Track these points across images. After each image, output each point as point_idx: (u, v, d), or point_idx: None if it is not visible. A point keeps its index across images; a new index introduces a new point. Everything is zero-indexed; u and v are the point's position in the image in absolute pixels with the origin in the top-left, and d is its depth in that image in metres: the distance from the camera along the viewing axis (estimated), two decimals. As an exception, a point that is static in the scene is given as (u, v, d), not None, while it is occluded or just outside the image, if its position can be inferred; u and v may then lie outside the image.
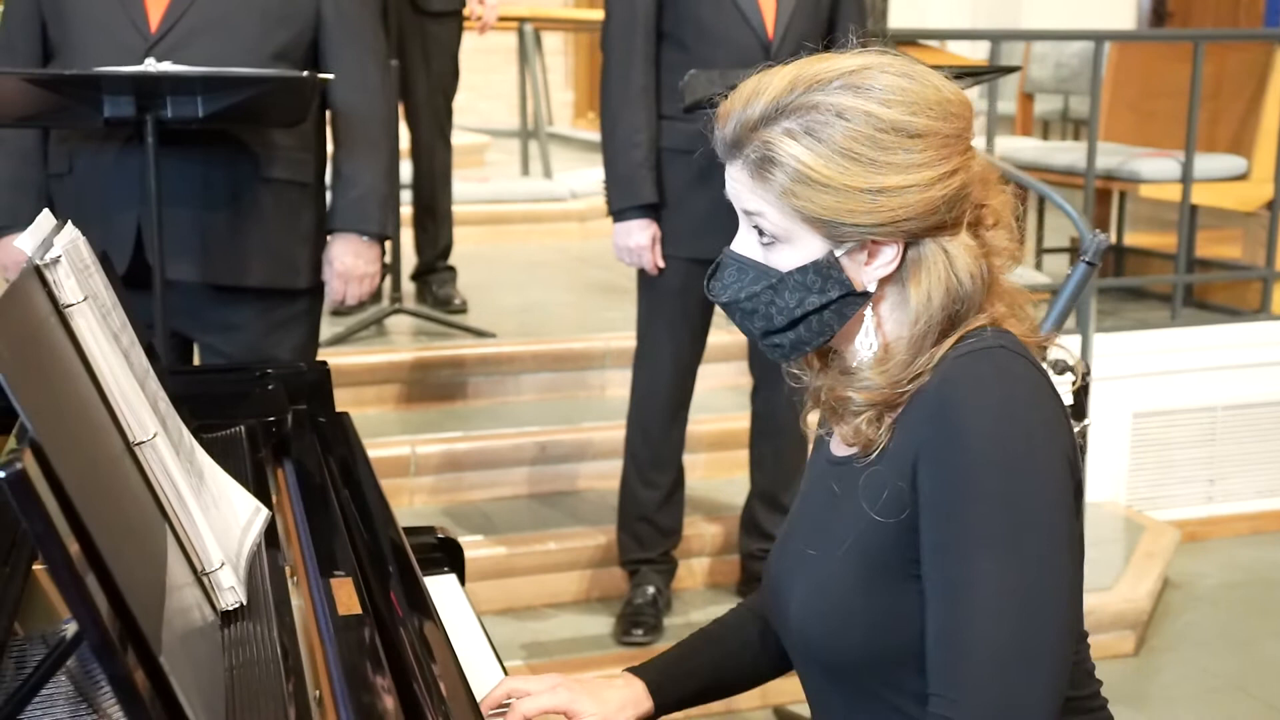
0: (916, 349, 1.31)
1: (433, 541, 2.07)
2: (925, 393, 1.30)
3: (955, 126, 1.30)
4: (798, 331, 1.35)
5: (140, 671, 0.87)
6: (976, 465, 1.23)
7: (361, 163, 2.66)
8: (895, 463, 1.30)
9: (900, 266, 1.32)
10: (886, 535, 1.30)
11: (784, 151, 1.28)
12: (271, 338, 2.66)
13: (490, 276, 4.99)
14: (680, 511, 3.34)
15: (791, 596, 1.41)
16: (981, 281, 1.31)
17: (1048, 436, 1.26)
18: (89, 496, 0.92)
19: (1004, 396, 1.26)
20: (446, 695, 1.25)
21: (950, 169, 1.29)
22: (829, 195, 1.28)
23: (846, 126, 1.27)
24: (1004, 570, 1.22)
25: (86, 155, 2.59)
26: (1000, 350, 1.29)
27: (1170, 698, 3.38)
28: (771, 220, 1.32)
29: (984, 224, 1.34)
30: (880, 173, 1.27)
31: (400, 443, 3.69)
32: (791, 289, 1.33)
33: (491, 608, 3.37)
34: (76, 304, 1.12)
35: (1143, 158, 4.53)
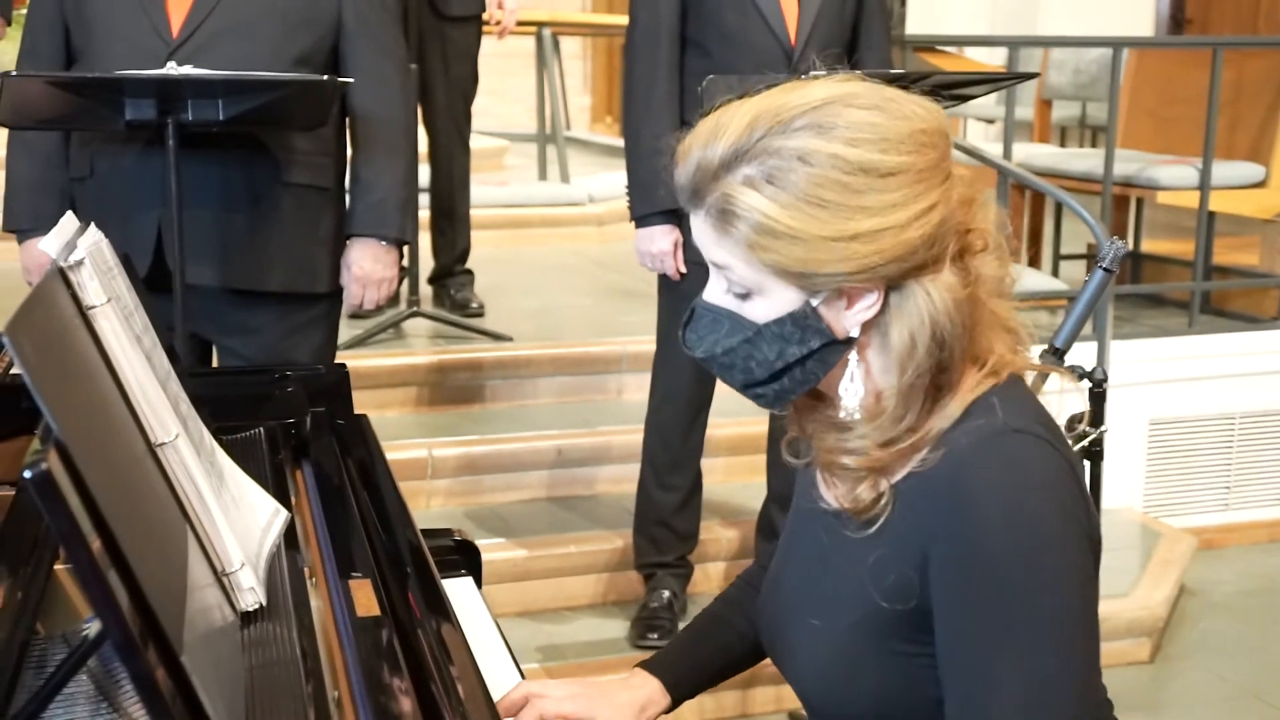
0: (906, 402, 1.24)
1: (450, 544, 2.07)
2: (934, 476, 1.24)
3: (930, 159, 1.22)
4: (780, 383, 1.29)
5: (162, 670, 0.88)
6: (992, 564, 1.19)
7: (381, 167, 2.67)
8: (903, 549, 1.26)
9: (883, 309, 1.24)
10: (893, 619, 1.27)
11: (744, 204, 1.20)
12: (290, 341, 2.68)
13: (508, 280, 5.00)
14: (697, 516, 3.35)
15: (791, 653, 1.40)
16: (965, 323, 1.24)
17: (1066, 525, 1.21)
18: (112, 497, 0.93)
19: (1017, 493, 1.21)
20: (464, 697, 1.25)
21: (927, 205, 1.21)
22: (797, 246, 1.20)
23: (810, 172, 1.19)
24: (1020, 671, 1.20)
25: (107, 158, 2.60)
26: (1012, 436, 1.23)
27: (1185, 705, 3.37)
28: (740, 274, 1.24)
29: (971, 250, 1.26)
30: (851, 218, 1.19)
31: (418, 445, 3.70)
32: (769, 341, 1.26)
33: (508, 610, 3.37)
34: (100, 306, 1.14)
35: (1161, 164, 4.52)
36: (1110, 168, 4.25)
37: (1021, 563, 1.19)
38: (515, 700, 1.47)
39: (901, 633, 1.27)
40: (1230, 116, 4.62)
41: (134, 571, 0.88)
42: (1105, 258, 2.22)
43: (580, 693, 1.49)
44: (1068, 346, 2.21)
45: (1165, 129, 4.92)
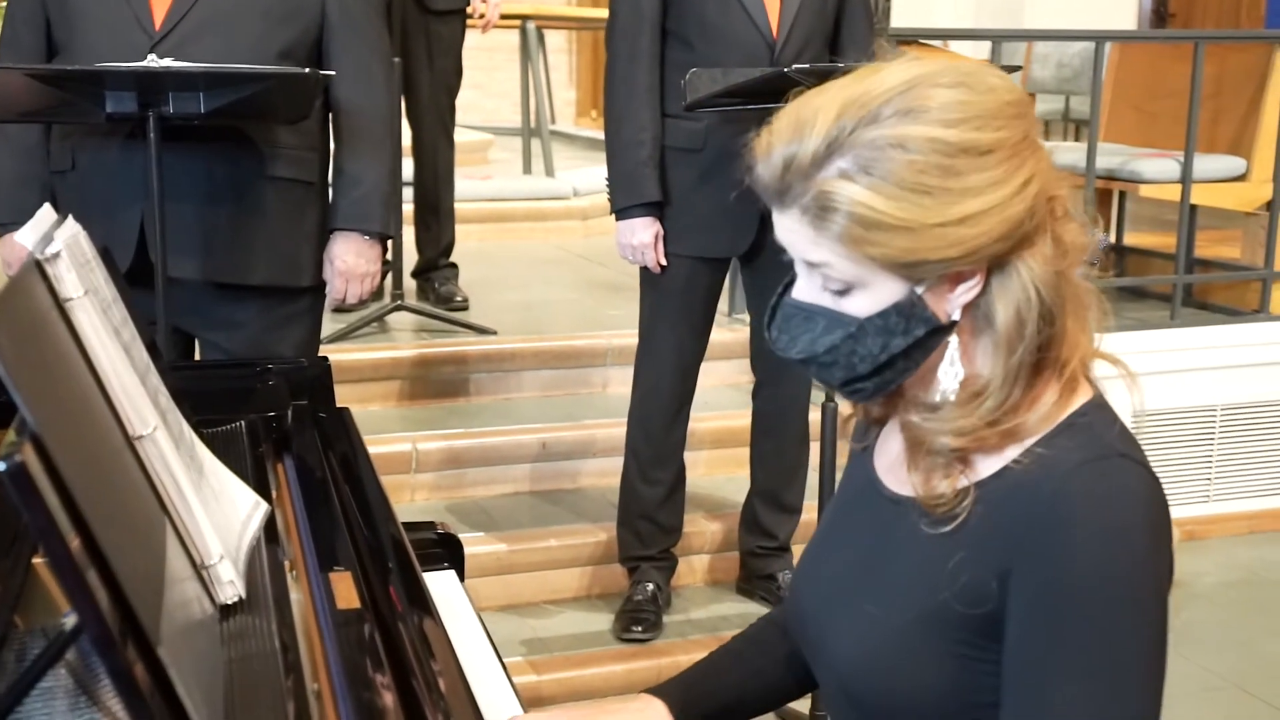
0: (1011, 383, 1.20)
1: (432, 537, 2.07)
2: (1031, 486, 1.20)
3: (1021, 129, 1.18)
4: (883, 376, 1.24)
5: (139, 664, 0.88)
6: (1084, 595, 1.16)
7: (365, 161, 2.66)
8: (983, 554, 1.21)
9: (985, 289, 1.20)
10: (961, 621, 1.23)
11: (844, 198, 1.15)
12: (274, 335, 2.67)
13: (493, 274, 5.00)
14: (681, 509, 3.35)
15: (835, 638, 1.33)
16: (1060, 299, 1.20)
17: (1157, 563, 1.18)
18: (88, 489, 0.92)
19: (1122, 525, 1.17)
20: (446, 691, 1.25)
21: (1026, 177, 1.16)
22: (904, 237, 1.15)
23: (909, 159, 1.14)
24: (1090, 699, 1.16)
25: (89, 152, 2.59)
26: (1120, 462, 1.19)
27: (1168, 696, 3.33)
28: (840, 270, 1.19)
29: (1055, 217, 1.21)
30: (957, 201, 1.14)
31: (402, 439, 3.69)
32: (873, 335, 1.20)
33: (492, 604, 3.38)
34: (77, 298, 1.13)
35: (1143, 158, 4.53)
36: (1093, 161, 4.26)
37: (1113, 599, 1.16)
38: None
39: (966, 636, 1.23)
40: (1212, 110, 4.64)
41: (110, 564, 0.88)
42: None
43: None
44: (1049, 339, 2.21)
45: (1148, 123, 4.94)
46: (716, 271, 3.19)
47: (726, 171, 3.05)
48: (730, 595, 3.51)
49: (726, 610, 3.45)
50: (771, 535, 3.40)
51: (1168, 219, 5.07)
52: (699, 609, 3.43)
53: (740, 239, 3.09)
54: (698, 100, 2.81)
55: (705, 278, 3.16)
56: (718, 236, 3.09)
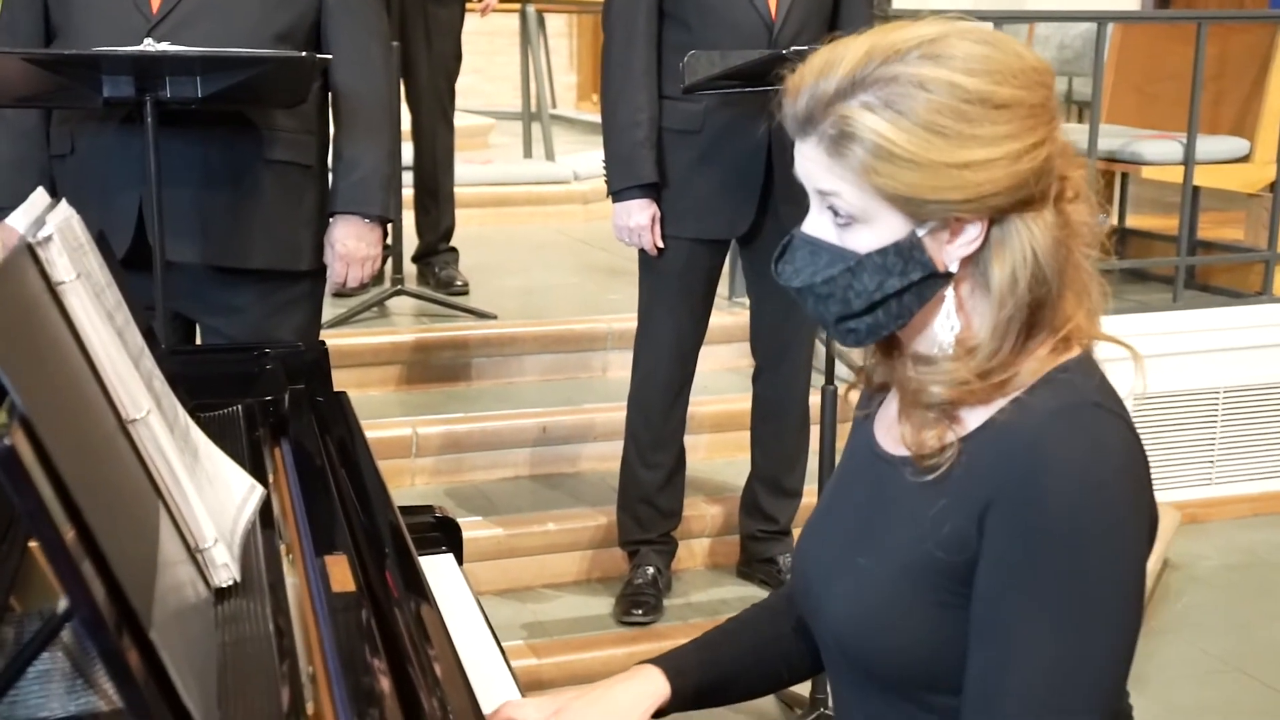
0: (1002, 335, 1.24)
1: (430, 521, 2.07)
2: (1009, 433, 1.23)
3: (1040, 96, 1.23)
4: (875, 316, 1.28)
5: (130, 647, 0.87)
6: (1052, 538, 1.18)
7: (363, 145, 2.66)
8: (964, 502, 1.24)
9: (983, 245, 1.24)
10: (944, 569, 1.25)
11: (864, 126, 1.20)
12: (273, 320, 2.67)
13: (493, 258, 4.99)
14: (681, 493, 3.35)
15: (832, 597, 1.36)
16: (1060, 266, 1.24)
17: (1133, 511, 1.21)
18: (80, 473, 0.92)
19: (1096, 472, 1.19)
20: (442, 677, 1.25)
21: (1037, 140, 1.21)
22: (913, 171, 1.20)
23: (929, 98, 1.19)
24: (1056, 643, 1.18)
25: (88, 136, 2.59)
26: (1096, 411, 1.22)
27: (1168, 679, 3.38)
28: (848, 200, 1.23)
29: (1065, 198, 1.26)
30: (966, 146, 1.19)
31: (402, 424, 3.69)
32: (870, 271, 1.25)
33: (492, 588, 3.38)
34: (69, 282, 1.13)
35: (1145, 139, 4.52)
36: (1094, 143, 4.24)
37: (1083, 543, 1.18)
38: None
39: (950, 585, 1.25)
40: (1215, 91, 4.62)
41: (101, 547, 0.88)
42: (1086, 232, 2.21)
43: (563, 705, 1.43)
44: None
45: (1150, 104, 4.92)
46: (715, 254, 3.18)
47: (725, 153, 3.05)
48: (731, 579, 3.51)
49: (727, 594, 3.45)
50: (772, 519, 3.39)
51: (1170, 201, 5.05)
52: (699, 593, 3.44)
53: (739, 220, 3.08)
54: (696, 83, 2.80)
55: (704, 260, 3.16)
56: (716, 218, 3.08)
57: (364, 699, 1.09)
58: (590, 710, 1.42)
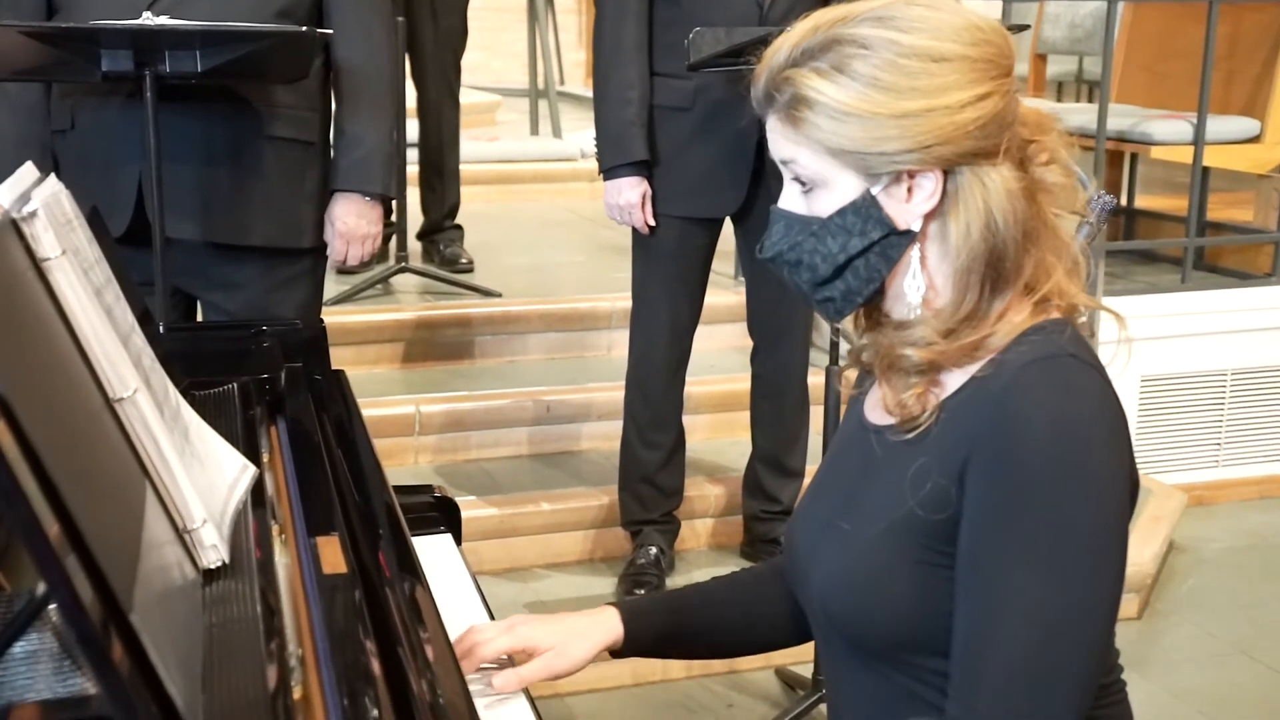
0: (962, 288, 1.28)
1: (429, 500, 2.06)
2: (985, 390, 1.25)
3: (985, 53, 1.26)
4: (845, 280, 1.32)
5: (110, 630, 0.86)
6: (1030, 483, 1.19)
7: (365, 122, 2.65)
8: (943, 459, 1.26)
9: (941, 201, 1.28)
10: (925, 528, 1.27)
11: (809, 87, 1.26)
12: (274, 296, 2.66)
13: (499, 236, 4.97)
14: (681, 472, 3.34)
15: (816, 564, 1.38)
16: (1021, 221, 1.27)
17: (1110, 456, 1.22)
18: (59, 452, 0.91)
19: (1066, 412, 1.21)
20: (434, 659, 1.24)
21: (981, 91, 1.25)
22: (856, 125, 1.25)
23: (870, 56, 1.25)
24: (1040, 589, 1.19)
25: (88, 111, 2.58)
26: (1070, 360, 1.23)
27: (1173, 661, 3.37)
28: (805, 164, 1.29)
29: (1034, 160, 1.30)
30: (905, 98, 1.24)
31: (405, 402, 3.69)
32: (833, 233, 1.30)
33: (494, 568, 3.38)
34: (55, 258, 1.11)
35: (1155, 119, 4.48)
36: (1103, 122, 4.20)
37: (1061, 485, 1.19)
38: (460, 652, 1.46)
39: (933, 544, 1.26)
40: (1226, 71, 4.58)
41: (80, 529, 0.86)
42: (1091, 212, 2.19)
43: (520, 621, 1.51)
44: (1053, 302, 2.18)
45: (1160, 84, 4.88)
46: (709, 232, 3.16)
47: (716, 131, 3.02)
48: (734, 559, 3.50)
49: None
50: (774, 499, 3.38)
51: (1179, 181, 5.01)
52: (702, 572, 3.42)
53: (731, 198, 3.05)
54: (701, 60, 2.78)
55: (697, 239, 3.13)
56: (708, 196, 3.05)
57: (352, 681, 1.07)
58: (541, 628, 1.50)
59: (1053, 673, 1.19)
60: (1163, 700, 3.17)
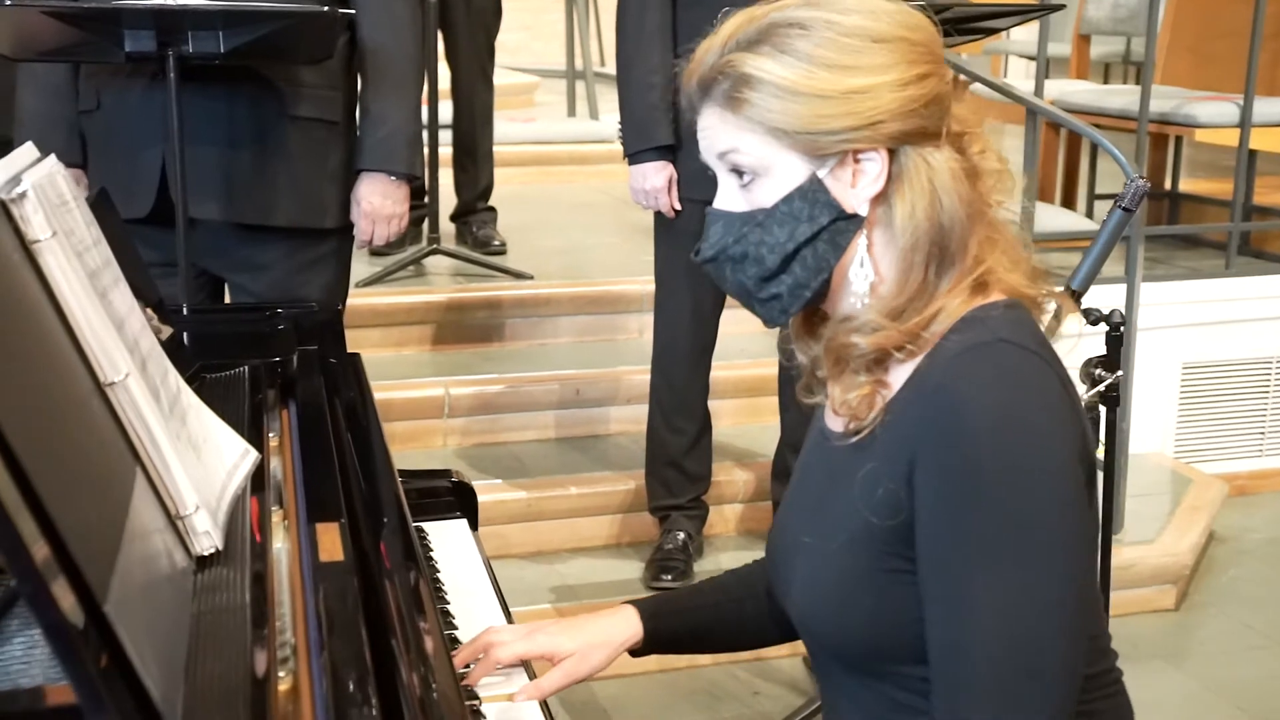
0: (907, 270, 1.26)
1: (446, 485, 2.05)
2: (922, 385, 1.24)
3: (922, 37, 1.28)
4: (793, 272, 1.29)
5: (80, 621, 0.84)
6: (978, 474, 1.17)
7: (389, 101, 2.63)
8: (891, 463, 1.24)
9: (887, 184, 1.27)
10: (883, 536, 1.25)
11: (754, 68, 1.25)
12: (300, 277, 2.65)
13: (533, 218, 4.95)
14: (708, 457, 3.31)
15: (791, 580, 1.38)
16: (964, 200, 1.26)
17: (1055, 438, 1.20)
18: (33, 436, 0.89)
19: (1006, 400, 1.19)
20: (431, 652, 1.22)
21: (921, 72, 1.26)
22: (801, 104, 1.24)
23: (810, 35, 1.25)
24: (1005, 584, 1.17)
25: (113, 91, 2.58)
26: (1001, 345, 1.22)
27: (1210, 653, 3.32)
28: (748, 151, 1.27)
29: (970, 149, 1.30)
30: (850, 75, 1.24)
31: (434, 384, 3.67)
32: (780, 221, 1.27)
33: (521, 551, 3.36)
34: (44, 240, 1.10)
35: (1199, 101, 4.40)
36: (1146, 104, 4.13)
37: (1008, 476, 1.17)
38: (475, 648, 1.47)
39: (892, 549, 1.25)
40: (1273, 50, 4.50)
41: (51, 515, 0.84)
42: (1125, 196, 2.15)
43: (539, 628, 1.50)
44: (1084, 288, 2.14)
45: (1205, 64, 4.80)
46: None
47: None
48: (762, 545, 3.42)
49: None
50: (805, 485, 3.34)
51: (1224, 164, 4.93)
52: (730, 557, 3.39)
53: None
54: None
55: None
56: None
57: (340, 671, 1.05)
58: (562, 635, 1.49)
59: (1032, 664, 1.17)
60: (1198, 694, 3.11)
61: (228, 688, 0.98)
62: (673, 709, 3.01)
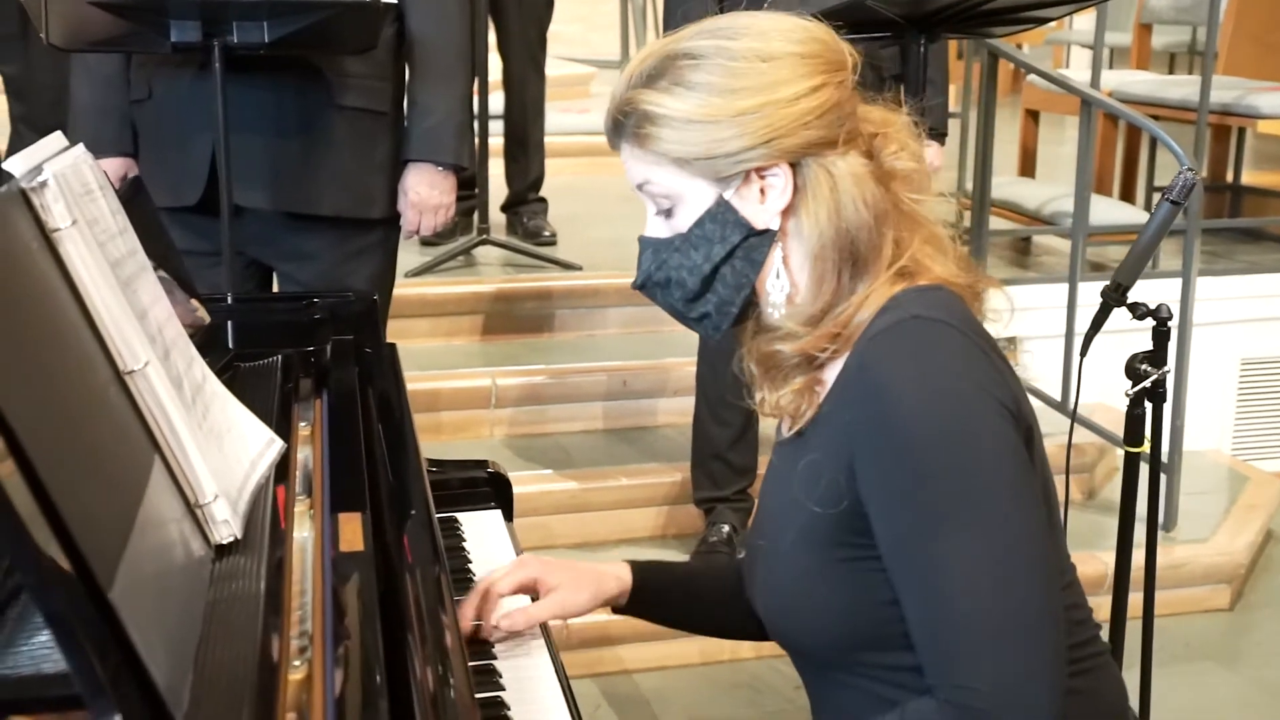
0: (819, 277, 1.30)
1: (483, 475, 2.05)
2: (848, 373, 1.28)
3: (813, 49, 1.31)
4: (715, 291, 1.34)
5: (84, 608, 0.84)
6: (913, 448, 1.21)
7: (436, 92, 2.64)
8: (828, 452, 1.29)
9: (794, 197, 1.31)
10: (829, 525, 1.28)
11: (648, 104, 1.30)
12: (347, 267, 2.67)
13: (585, 209, 4.94)
14: (754, 449, 3.28)
15: (754, 585, 1.43)
16: (872, 204, 1.30)
17: (978, 395, 1.23)
18: (42, 425, 0.89)
19: (924, 370, 1.23)
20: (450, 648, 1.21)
21: (814, 84, 1.29)
22: (696, 131, 1.29)
23: (701, 64, 1.30)
24: (969, 544, 1.20)
25: (164, 81, 2.61)
26: (912, 321, 1.25)
27: (1265, 654, 3.26)
28: (658, 182, 1.33)
29: (883, 151, 1.34)
30: (740, 97, 1.28)
31: (482, 374, 3.68)
32: (695, 245, 1.33)
33: (567, 542, 3.36)
34: (65, 228, 1.10)
35: (1263, 92, 4.32)
36: (1206, 95, 4.06)
37: (944, 443, 1.21)
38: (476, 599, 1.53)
39: (840, 538, 1.28)
40: (1340, 41, 4.40)
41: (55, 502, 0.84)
42: (1173, 189, 2.10)
43: (531, 559, 1.56)
44: (1129, 282, 2.10)
45: (1270, 55, 4.70)
46: None
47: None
48: (808, 539, 3.44)
49: (804, 554, 3.39)
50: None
51: (1289, 157, 4.84)
52: (776, 552, 3.38)
53: None
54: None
55: None
56: None
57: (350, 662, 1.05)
58: (551, 568, 1.55)
59: (1015, 620, 1.20)
60: (1252, 696, 3.06)
61: (236, 676, 0.98)
62: (715, 702, 3.00)
